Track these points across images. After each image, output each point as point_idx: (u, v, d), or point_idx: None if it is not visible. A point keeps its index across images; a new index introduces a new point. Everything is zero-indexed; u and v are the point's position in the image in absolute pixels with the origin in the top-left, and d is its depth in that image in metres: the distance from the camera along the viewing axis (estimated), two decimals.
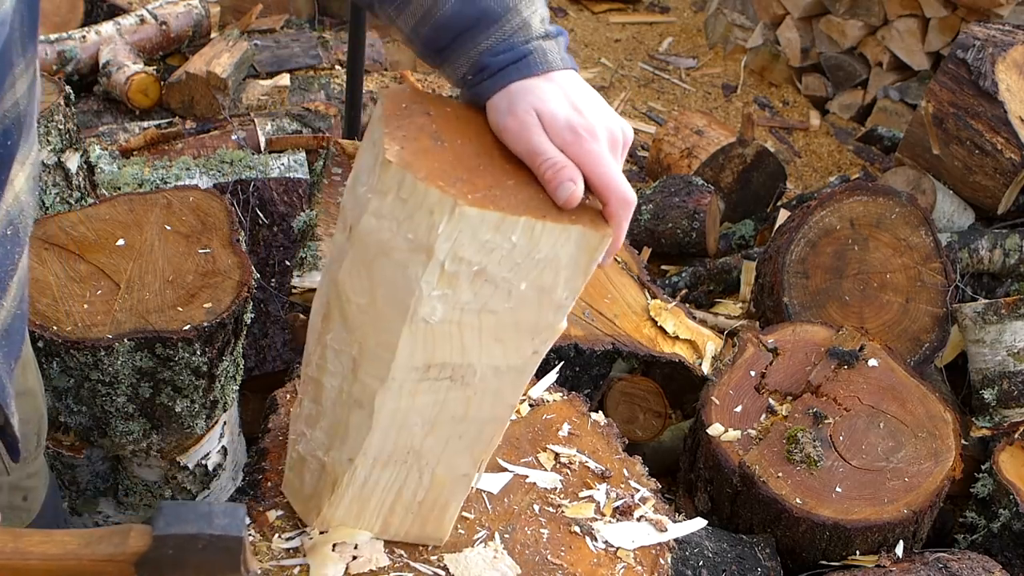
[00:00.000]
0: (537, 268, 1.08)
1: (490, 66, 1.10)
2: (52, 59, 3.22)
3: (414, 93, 1.15)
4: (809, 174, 4.68)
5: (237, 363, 1.98)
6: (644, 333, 2.46)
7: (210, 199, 2.08)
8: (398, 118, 1.08)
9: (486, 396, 1.20)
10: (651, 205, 3.49)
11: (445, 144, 1.07)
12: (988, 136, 3.09)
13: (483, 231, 1.03)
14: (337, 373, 1.19)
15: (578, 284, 1.12)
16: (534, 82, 1.09)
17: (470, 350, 1.14)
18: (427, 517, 1.34)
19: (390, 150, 1.02)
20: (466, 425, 1.23)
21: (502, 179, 1.07)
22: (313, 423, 1.26)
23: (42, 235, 1.92)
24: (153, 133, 2.94)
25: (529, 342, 1.15)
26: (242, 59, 3.38)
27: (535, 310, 1.12)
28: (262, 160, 2.76)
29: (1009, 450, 2.30)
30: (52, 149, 2.12)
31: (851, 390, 2.26)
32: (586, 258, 1.09)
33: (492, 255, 1.05)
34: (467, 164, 1.06)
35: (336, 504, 1.30)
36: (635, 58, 5.64)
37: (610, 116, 1.11)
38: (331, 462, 1.26)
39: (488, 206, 1.01)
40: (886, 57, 4.81)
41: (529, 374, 1.21)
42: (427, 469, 1.28)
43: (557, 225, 1.04)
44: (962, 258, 3.09)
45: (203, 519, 0.98)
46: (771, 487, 2.04)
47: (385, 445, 1.23)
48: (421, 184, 1.00)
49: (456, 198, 1.00)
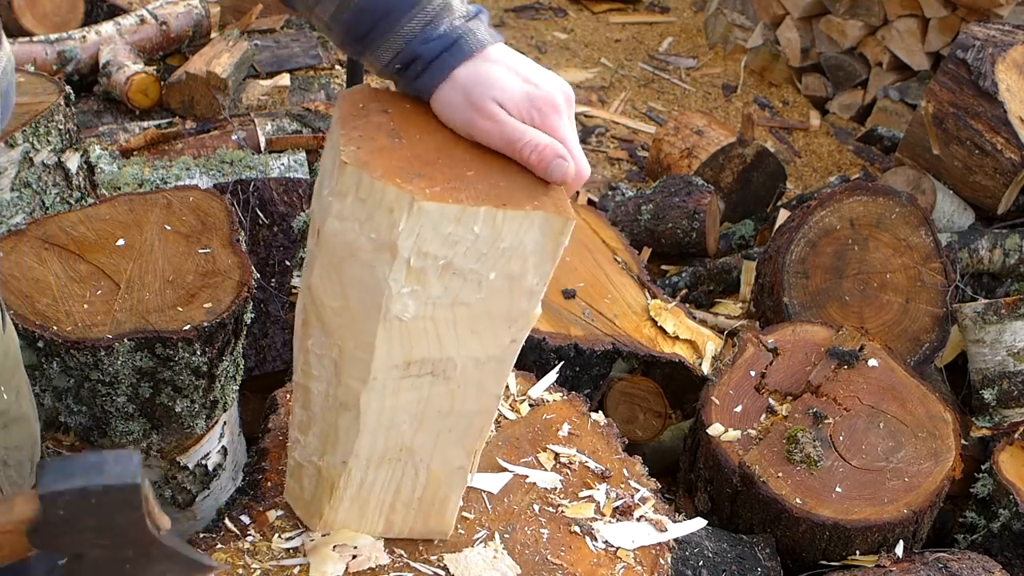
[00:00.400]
0: (504, 257, 1.08)
1: (423, 55, 1.08)
2: (52, 59, 3.22)
3: (371, 92, 1.15)
4: (809, 174, 4.68)
5: (237, 363, 1.98)
6: (644, 333, 2.46)
7: (210, 199, 2.08)
8: (354, 118, 1.08)
9: (469, 388, 1.20)
10: (651, 205, 3.49)
11: (403, 140, 1.07)
12: (988, 136, 3.09)
13: (444, 225, 1.03)
14: (322, 378, 1.19)
15: (547, 269, 1.12)
16: (478, 68, 1.08)
17: (447, 344, 1.14)
18: (428, 512, 1.35)
19: (346, 151, 1.03)
20: (454, 418, 1.24)
21: (461, 171, 1.06)
22: (305, 429, 1.27)
23: (42, 235, 1.92)
24: (153, 133, 2.94)
25: (506, 331, 1.16)
26: (242, 59, 3.38)
27: (507, 299, 1.12)
28: (262, 160, 2.76)
29: (1009, 450, 2.30)
30: (52, 149, 2.12)
31: (851, 390, 2.26)
32: (552, 243, 1.08)
33: (457, 247, 1.05)
34: (425, 159, 1.06)
35: (336, 507, 1.30)
36: (635, 58, 5.64)
37: (555, 79, 1.12)
38: (326, 466, 1.27)
39: (447, 199, 1.01)
40: (886, 57, 4.81)
41: (510, 363, 1.21)
42: (422, 465, 1.28)
43: (519, 212, 1.04)
44: (962, 258, 3.09)
45: (91, 470, 0.88)
46: (771, 487, 2.04)
47: (376, 445, 1.23)
48: (378, 183, 1.00)
49: (413, 194, 1.00)
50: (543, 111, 1.09)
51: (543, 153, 1.07)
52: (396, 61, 1.10)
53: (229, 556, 1.32)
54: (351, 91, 1.14)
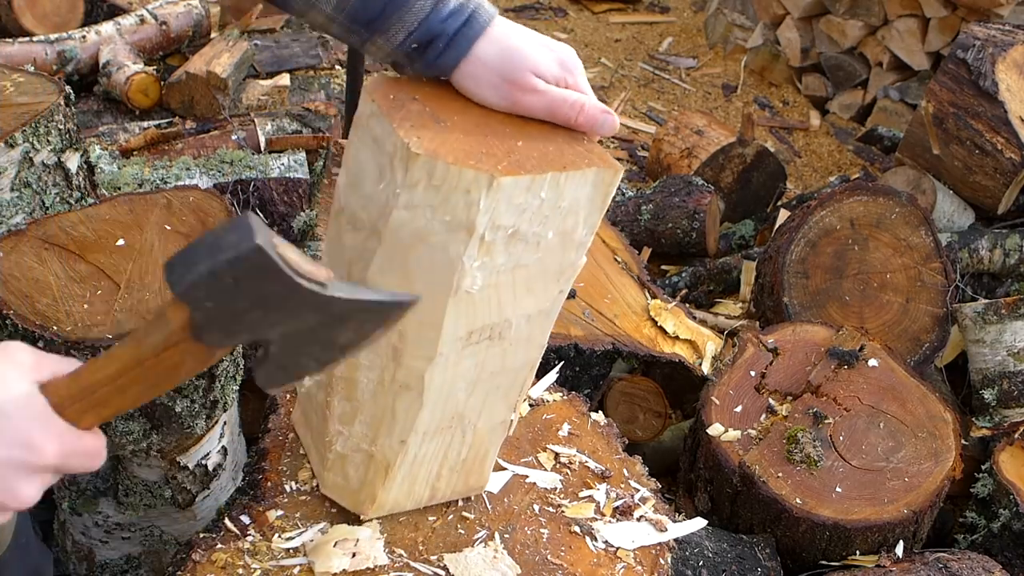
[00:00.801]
0: (561, 215, 1.13)
1: (442, 32, 1.11)
2: (52, 59, 3.21)
3: (392, 82, 1.16)
4: (809, 174, 4.68)
5: (237, 363, 1.98)
6: (644, 333, 2.46)
7: (210, 199, 2.08)
8: (395, 110, 1.10)
9: (519, 344, 1.25)
10: (651, 205, 3.49)
11: (447, 124, 1.10)
12: (988, 136, 3.09)
13: (517, 195, 1.07)
14: (374, 366, 1.21)
15: (596, 220, 1.17)
16: (499, 42, 1.12)
17: (506, 307, 1.18)
18: (470, 471, 1.38)
19: (411, 142, 1.05)
20: (503, 376, 1.27)
21: (512, 144, 1.10)
22: (350, 420, 1.28)
23: (42, 235, 1.92)
24: (153, 133, 2.94)
25: (555, 284, 1.21)
26: (242, 59, 3.37)
27: (559, 254, 1.17)
28: (262, 160, 2.76)
29: (1009, 450, 2.30)
30: (52, 149, 2.12)
31: (851, 390, 2.26)
32: (601, 195, 1.14)
33: (524, 215, 1.09)
34: (476, 137, 1.09)
35: (390, 487, 1.33)
36: (635, 58, 5.64)
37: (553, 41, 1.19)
38: (379, 450, 1.28)
39: (519, 171, 1.06)
40: (886, 57, 4.81)
41: (555, 314, 1.26)
42: (469, 427, 1.32)
43: (577, 172, 1.10)
44: (962, 258, 3.09)
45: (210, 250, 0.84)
46: (771, 487, 2.04)
47: (434, 418, 1.26)
48: (454, 168, 1.03)
49: (492, 172, 1.04)
50: (573, 72, 1.16)
51: (589, 113, 1.14)
52: (411, 40, 1.12)
53: (229, 556, 1.32)
54: (374, 84, 1.16)
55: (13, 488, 0.91)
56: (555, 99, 1.13)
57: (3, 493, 0.91)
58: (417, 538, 1.37)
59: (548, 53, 1.15)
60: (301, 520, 1.38)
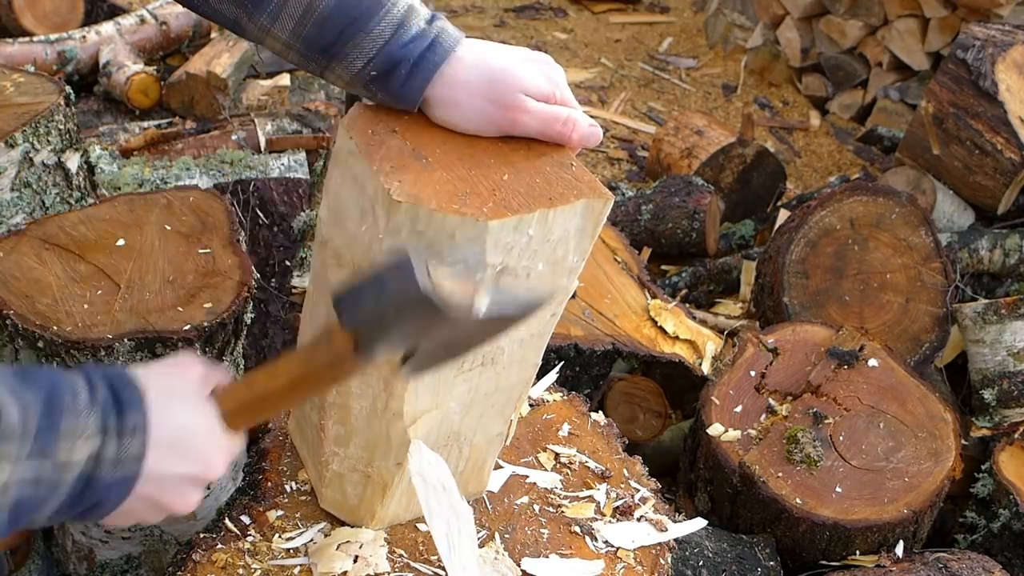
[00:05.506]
0: (551, 247, 1.10)
1: (404, 59, 1.06)
2: (52, 59, 3.22)
3: (371, 114, 1.13)
4: (809, 174, 4.68)
5: (237, 363, 1.98)
6: (644, 333, 2.46)
7: (210, 199, 2.08)
8: (373, 147, 1.07)
9: (513, 366, 1.24)
10: (651, 205, 3.49)
11: (429, 160, 1.07)
12: (988, 136, 3.09)
13: (503, 236, 1.04)
14: (366, 394, 1.20)
15: (587, 247, 1.15)
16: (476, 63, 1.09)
17: None
18: (468, 480, 1.38)
19: (392, 188, 1.01)
20: (497, 395, 1.27)
21: (498, 178, 1.07)
22: (344, 442, 1.27)
23: (42, 235, 1.92)
24: (153, 133, 2.94)
25: (547, 308, 1.19)
26: (242, 59, 3.37)
27: (550, 281, 1.15)
28: (262, 160, 2.76)
29: (1009, 450, 2.30)
30: (52, 149, 2.12)
31: (851, 390, 2.26)
32: (592, 223, 1.12)
33: (512, 252, 1.07)
34: (459, 174, 1.06)
35: (388, 504, 1.33)
36: (635, 58, 5.64)
37: (531, 51, 1.17)
38: (376, 471, 1.28)
39: (505, 213, 1.03)
40: (886, 57, 4.81)
41: (548, 335, 1.25)
42: (466, 443, 1.31)
43: (566, 206, 1.07)
44: (962, 258, 3.09)
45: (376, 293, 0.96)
46: (771, 487, 2.04)
47: (429, 440, 1.25)
48: (437, 214, 1.00)
49: (476, 216, 1.01)
50: (559, 83, 1.14)
51: (578, 128, 1.12)
52: (370, 68, 1.07)
53: (229, 556, 1.32)
54: (351, 118, 1.12)
55: (187, 499, 1.02)
56: (548, 118, 1.11)
57: (179, 503, 1.02)
58: (417, 538, 1.38)
59: (534, 68, 1.12)
60: (301, 520, 1.38)
